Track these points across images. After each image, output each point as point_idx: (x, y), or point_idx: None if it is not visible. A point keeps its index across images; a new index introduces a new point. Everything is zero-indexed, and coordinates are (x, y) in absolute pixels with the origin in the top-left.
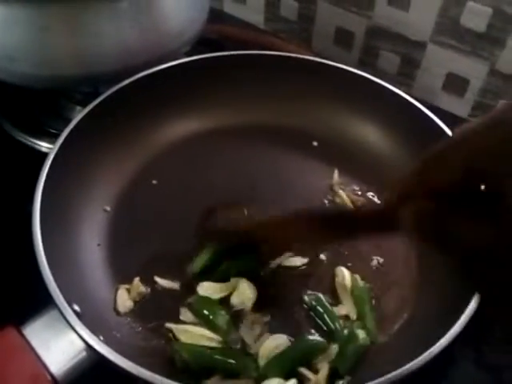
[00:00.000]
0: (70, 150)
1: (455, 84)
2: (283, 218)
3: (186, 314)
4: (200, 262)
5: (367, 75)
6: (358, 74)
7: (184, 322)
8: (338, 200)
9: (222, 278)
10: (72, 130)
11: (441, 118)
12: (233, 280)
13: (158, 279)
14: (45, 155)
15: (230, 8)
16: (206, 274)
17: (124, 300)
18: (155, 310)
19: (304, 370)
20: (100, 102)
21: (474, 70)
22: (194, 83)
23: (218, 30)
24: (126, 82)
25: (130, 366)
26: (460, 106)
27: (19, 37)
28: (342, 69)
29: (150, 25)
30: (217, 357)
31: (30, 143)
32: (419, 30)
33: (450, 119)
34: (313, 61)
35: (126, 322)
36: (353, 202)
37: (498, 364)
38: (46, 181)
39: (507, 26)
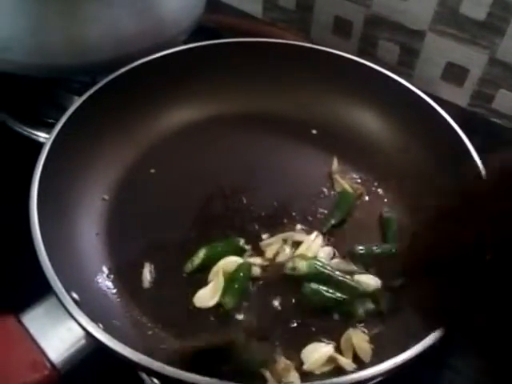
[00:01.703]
0: (66, 139)
1: (455, 73)
2: None
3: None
4: (197, 261)
5: (366, 62)
6: (356, 61)
7: None
8: (337, 188)
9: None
10: (68, 119)
11: (440, 107)
12: (214, 270)
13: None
14: (42, 145)
15: None
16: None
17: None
18: (157, 299)
19: None
20: (96, 91)
21: (474, 59)
22: (190, 71)
23: (215, 20)
24: (123, 70)
25: (129, 353)
26: (459, 96)
27: (13, 25)
28: (341, 56)
29: (146, 12)
30: None
31: (27, 133)
32: (418, 19)
33: (450, 108)
34: (311, 48)
35: (125, 311)
36: (353, 189)
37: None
38: (42, 170)
39: (507, 14)
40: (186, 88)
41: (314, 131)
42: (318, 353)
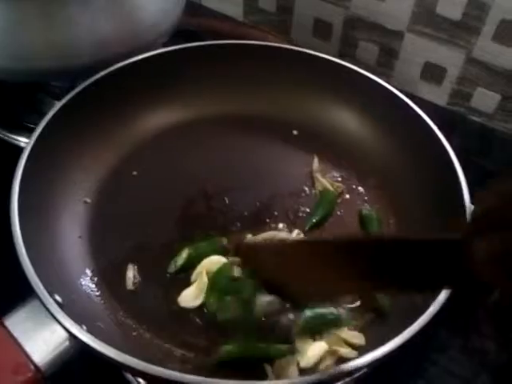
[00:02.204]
0: (46, 143)
1: (433, 72)
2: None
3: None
4: (180, 261)
5: (345, 63)
6: (336, 62)
7: None
8: (318, 187)
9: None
10: (48, 124)
11: (420, 107)
12: (198, 270)
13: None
14: (22, 150)
15: (208, 1)
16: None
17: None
18: (141, 300)
19: None
20: (75, 95)
21: (451, 59)
22: (171, 74)
23: (196, 23)
24: (102, 73)
25: (114, 353)
26: (438, 95)
27: None
28: (321, 57)
29: (124, 16)
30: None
31: (7, 138)
32: (396, 20)
33: (429, 107)
34: (291, 50)
35: (109, 313)
36: (334, 188)
37: (482, 348)
38: (23, 174)
39: (481, 13)
40: (167, 91)
41: (295, 132)
42: (311, 351)
